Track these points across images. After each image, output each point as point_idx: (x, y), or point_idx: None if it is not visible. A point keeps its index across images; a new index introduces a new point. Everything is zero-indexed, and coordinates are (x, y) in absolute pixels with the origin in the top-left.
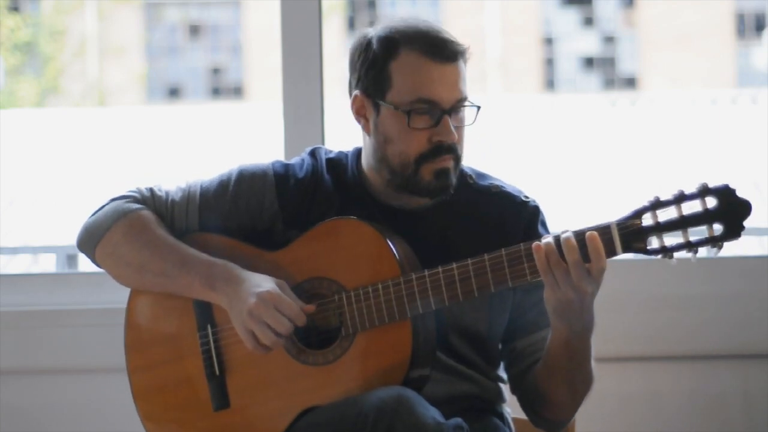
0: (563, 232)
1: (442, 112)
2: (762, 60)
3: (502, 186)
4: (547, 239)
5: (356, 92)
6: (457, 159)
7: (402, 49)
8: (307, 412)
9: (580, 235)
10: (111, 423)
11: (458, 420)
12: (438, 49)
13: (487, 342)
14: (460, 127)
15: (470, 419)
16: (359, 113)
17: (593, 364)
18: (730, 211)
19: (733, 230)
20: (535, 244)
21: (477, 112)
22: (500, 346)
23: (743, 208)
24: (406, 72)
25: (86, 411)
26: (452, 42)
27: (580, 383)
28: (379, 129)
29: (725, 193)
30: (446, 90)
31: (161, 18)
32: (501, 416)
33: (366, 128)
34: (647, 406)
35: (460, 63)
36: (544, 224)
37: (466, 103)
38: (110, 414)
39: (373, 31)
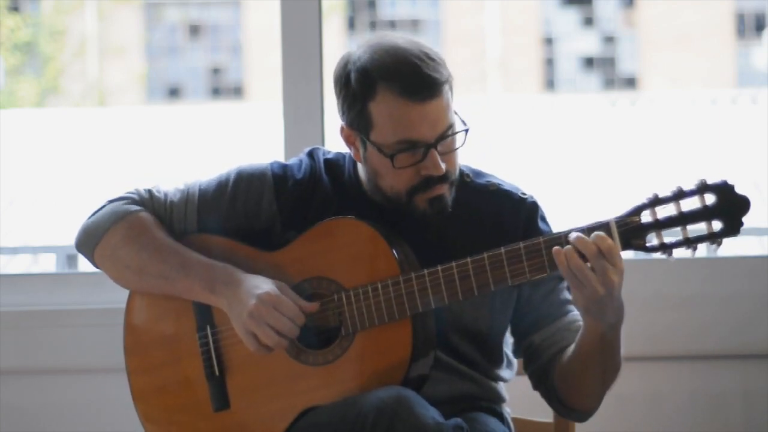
0: (568, 233)
1: (427, 146)
2: (762, 60)
3: (499, 184)
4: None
5: (342, 124)
6: (452, 183)
7: (379, 89)
8: (307, 413)
9: (584, 231)
10: (111, 423)
11: (458, 420)
12: (416, 89)
13: (489, 340)
14: (450, 153)
15: (470, 419)
16: (348, 141)
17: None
18: (729, 207)
19: (732, 227)
20: (555, 248)
21: (466, 135)
22: (516, 344)
23: (742, 204)
24: (384, 114)
25: (86, 411)
26: (430, 77)
27: (611, 372)
28: (368, 162)
29: (724, 190)
30: (428, 128)
31: (161, 18)
32: (501, 416)
33: (356, 156)
34: (647, 406)
35: (443, 93)
36: (544, 219)
37: (453, 130)
38: (110, 414)
39: (352, 62)
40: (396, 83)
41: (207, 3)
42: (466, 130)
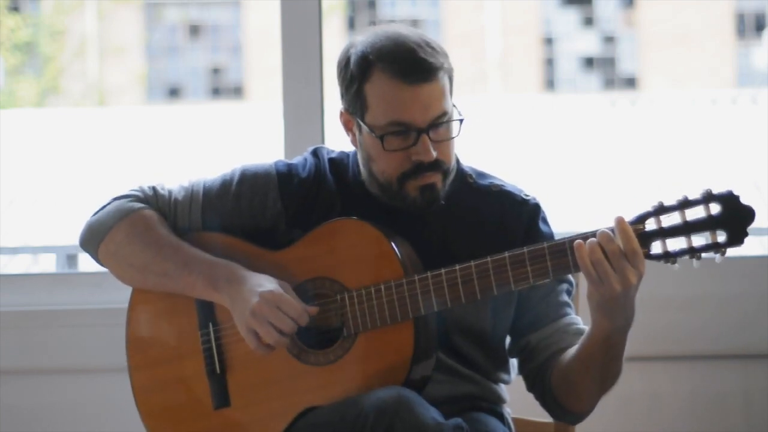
0: (572, 239)
1: (418, 131)
2: (762, 60)
3: (502, 185)
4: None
5: (341, 108)
6: (445, 172)
7: (375, 71)
8: (307, 412)
9: (586, 238)
10: (111, 423)
11: (458, 420)
12: (410, 71)
13: (491, 341)
14: (444, 141)
15: (470, 419)
16: (347, 127)
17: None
18: (734, 217)
19: (737, 237)
20: (576, 242)
21: (461, 125)
22: (512, 343)
23: (747, 214)
24: (378, 95)
25: (86, 411)
26: (426, 61)
27: (611, 377)
28: (363, 147)
29: (729, 200)
30: (419, 111)
31: (161, 18)
32: (501, 417)
33: (354, 142)
34: (647, 406)
35: (439, 78)
36: (545, 221)
37: (448, 118)
38: (110, 414)
39: (354, 47)
40: (390, 65)
41: (207, 3)
42: (461, 120)
